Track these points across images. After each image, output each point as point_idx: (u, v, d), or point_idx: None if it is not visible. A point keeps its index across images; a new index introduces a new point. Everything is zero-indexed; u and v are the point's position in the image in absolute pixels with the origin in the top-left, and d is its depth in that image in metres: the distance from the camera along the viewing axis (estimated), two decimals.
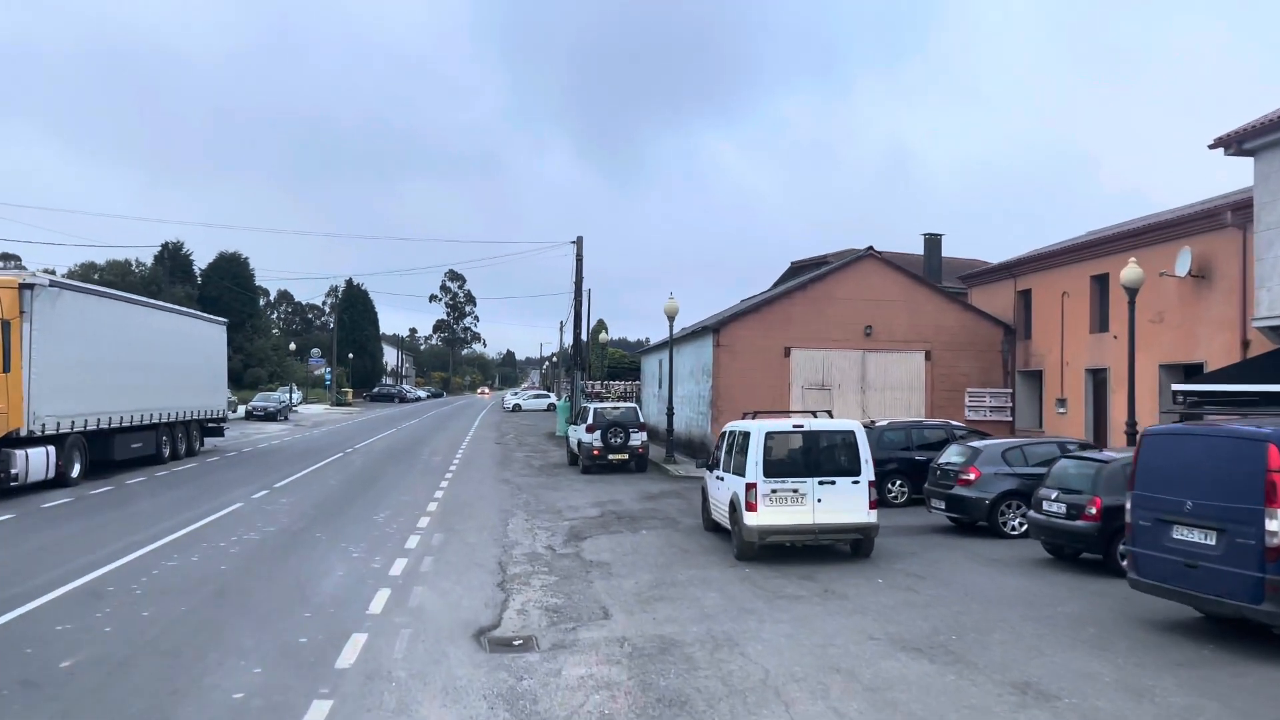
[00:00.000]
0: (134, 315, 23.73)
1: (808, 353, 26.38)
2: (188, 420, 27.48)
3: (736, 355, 26.03)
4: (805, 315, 26.40)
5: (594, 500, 19.77)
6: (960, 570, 12.58)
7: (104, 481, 21.15)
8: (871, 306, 26.49)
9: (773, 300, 26.52)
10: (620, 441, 24.79)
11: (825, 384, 26.42)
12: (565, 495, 20.64)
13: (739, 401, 25.74)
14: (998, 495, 14.86)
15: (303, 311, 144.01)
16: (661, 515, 17.68)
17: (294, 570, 12.06)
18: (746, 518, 12.79)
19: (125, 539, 13.90)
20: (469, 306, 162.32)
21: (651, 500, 19.83)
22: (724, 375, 25.92)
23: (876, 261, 26.78)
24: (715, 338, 26.02)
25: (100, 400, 21.61)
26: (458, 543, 14.45)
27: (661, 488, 22.08)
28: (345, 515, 16.80)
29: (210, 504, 17.70)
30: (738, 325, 26.22)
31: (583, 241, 41.32)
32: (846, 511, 12.83)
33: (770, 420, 13.74)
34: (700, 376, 27.79)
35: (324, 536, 14.59)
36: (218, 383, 30.48)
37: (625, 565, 12.89)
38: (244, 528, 15.16)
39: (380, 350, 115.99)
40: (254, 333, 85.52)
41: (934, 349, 26.87)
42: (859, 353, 26.61)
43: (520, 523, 16.65)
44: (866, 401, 26.42)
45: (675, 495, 20.67)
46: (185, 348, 27.33)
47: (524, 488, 21.96)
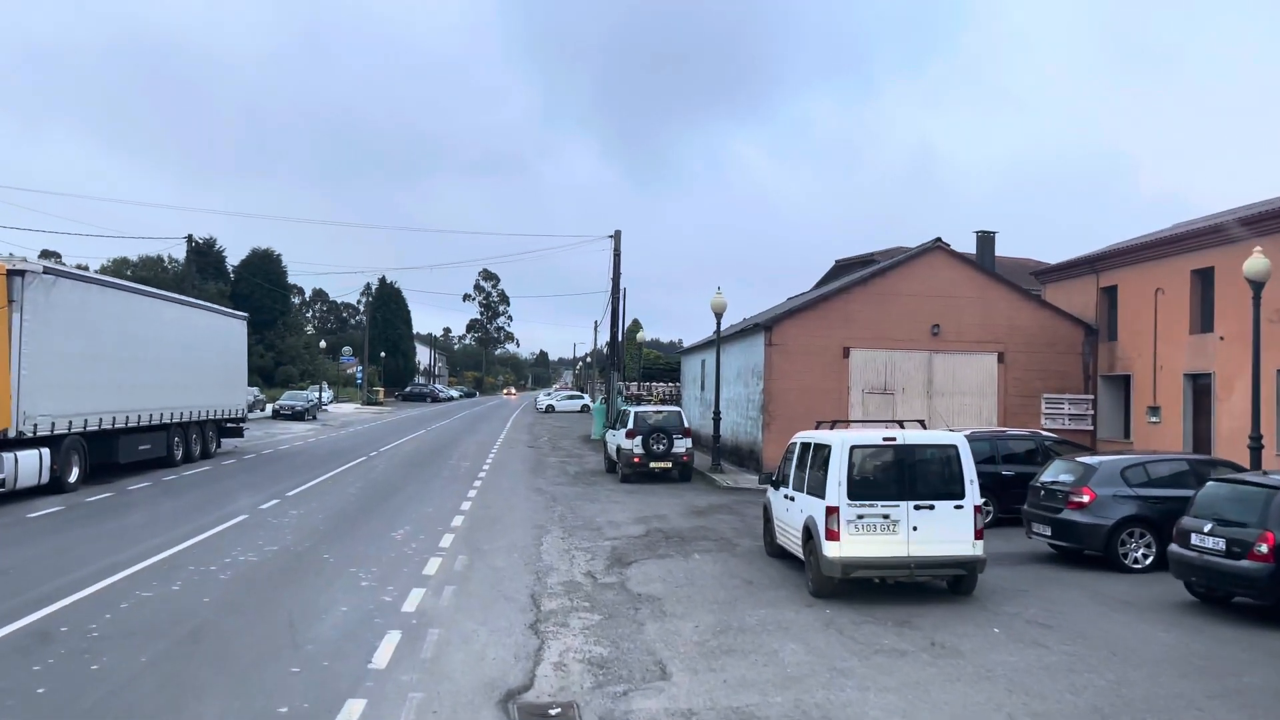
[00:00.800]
0: (142, 307, 22.11)
1: (869, 353, 24.17)
2: (203, 420, 25.87)
3: (790, 356, 23.89)
4: (866, 312, 24.21)
5: (636, 515, 17.77)
6: (1090, 616, 10.39)
7: (104, 487, 19.50)
8: (939, 303, 24.23)
9: (830, 296, 24.37)
10: (663, 449, 22.77)
11: (888, 388, 24.20)
12: (604, 508, 18.66)
13: (793, 406, 23.63)
14: (1118, 521, 12.61)
15: (337, 310, 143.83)
16: (714, 535, 15.63)
17: (289, 604, 10.16)
18: (826, 548, 10.69)
19: (105, 559, 12.11)
20: (502, 306, 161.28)
21: (700, 516, 17.78)
22: (776, 378, 23.80)
23: (945, 254, 24.51)
24: (767, 336, 23.90)
25: (102, 399, 19.98)
26: (484, 568, 12.51)
27: (710, 501, 20.02)
28: (359, 531, 14.93)
29: (212, 515, 15.91)
30: (792, 323, 24.09)
31: (621, 236, 39.43)
32: (947, 542, 10.70)
33: (855, 431, 11.64)
34: (749, 379, 25.69)
35: (332, 559, 12.70)
36: (236, 380, 28.89)
37: (680, 600, 10.87)
38: (242, 546, 13.32)
39: (413, 349, 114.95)
40: (286, 330, 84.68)
41: (1008, 350, 24.54)
42: (925, 354, 24.36)
43: (555, 542, 14.68)
44: (933, 408, 24.13)
45: (726, 511, 18.61)
46: (200, 343, 25.72)
47: (559, 499, 20.02)
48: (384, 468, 25.06)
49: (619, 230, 39.31)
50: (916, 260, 24.54)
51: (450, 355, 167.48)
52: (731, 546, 14.59)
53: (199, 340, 25.66)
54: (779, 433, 23.61)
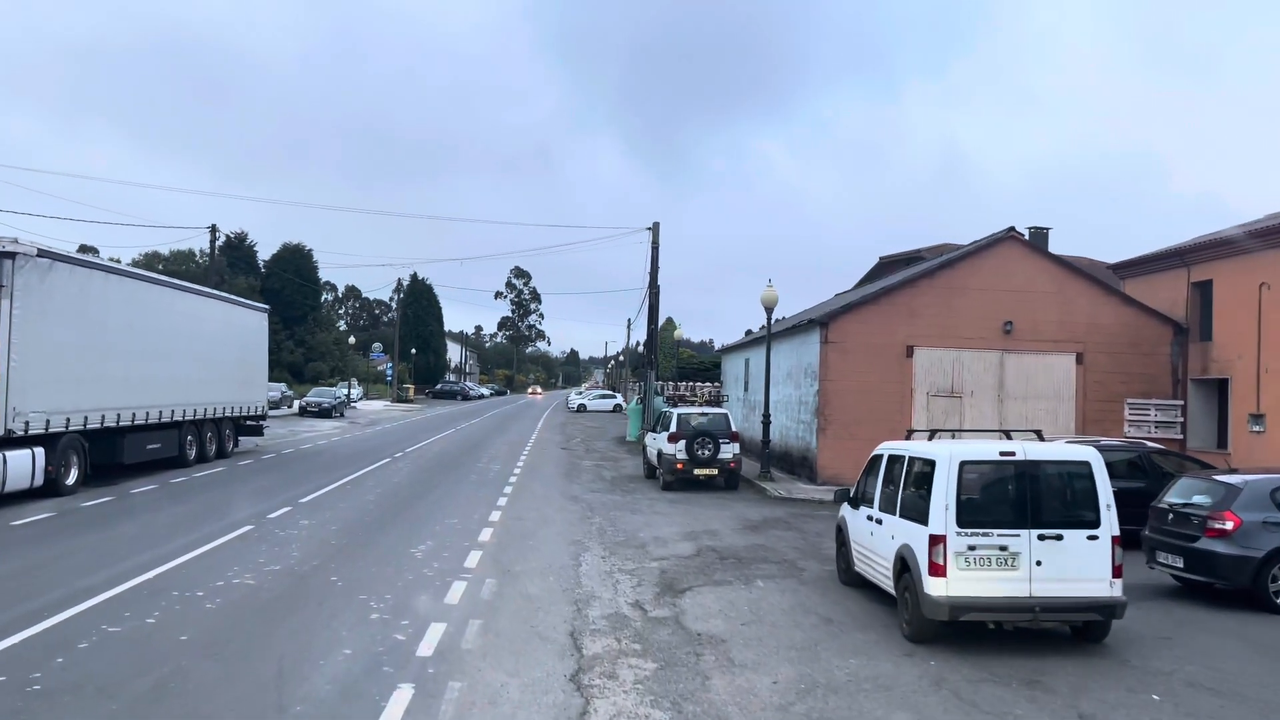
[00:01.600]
0: (151, 296, 20.62)
1: (934, 353, 22.15)
2: (218, 418, 24.41)
3: (848, 354, 21.92)
4: (931, 308, 22.18)
5: (684, 529, 15.94)
6: (1264, 674, 8.41)
7: (105, 490, 18.00)
8: (1012, 298, 22.15)
9: (893, 290, 22.37)
10: (708, 454, 20.92)
11: (955, 390, 22.15)
12: (647, 520, 16.86)
13: (850, 409, 21.68)
14: (1270, 553, 10.57)
15: (370, 307, 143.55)
16: (775, 556, 13.77)
17: (283, 645, 8.45)
18: (929, 585, 8.80)
19: (79, 580, 10.49)
20: (534, 304, 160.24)
21: (755, 532, 15.91)
22: (833, 378, 21.84)
23: (1019, 245, 22.41)
24: (823, 333, 21.96)
25: (105, 394, 18.49)
26: (515, 595, 10.76)
27: (763, 514, 18.13)
28: (375, 547, 13.23)
29: (213, 526, 14.30)
30: (850, 319, 22.12)
31: (659, 228, 37.60)
32: (1079, 580, 8.78)
33: (964, 442, 9.72)
34: (801, 379, 23.75)
35: (341, 582, 11.01)
36: (256, 376, 27.42)
37: (749, 643, 9.05)
38: (240, 565, 11.66)
39: (444, 346, 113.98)
40: (316, 326, 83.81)
41: (1087, 350, 22.39)
42: (996, 353, 22.28)
43: (596, 561, 12.90)
44: (1005, 413, 22.07)
45: (783, 526, 16.73)
46: (217, 336, 24.25)
47: (596, 508, 18.25)
48: (408, 471, 23.43)
49: (657, 222, 37.54)
50: (987, 252, 22.46)
51: (481, 353, 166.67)
52: (797, 571, 12.71)
53: (215, 333, 24.19)
54: (835, 438, 21.68)
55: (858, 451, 21.83)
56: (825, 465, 21.72)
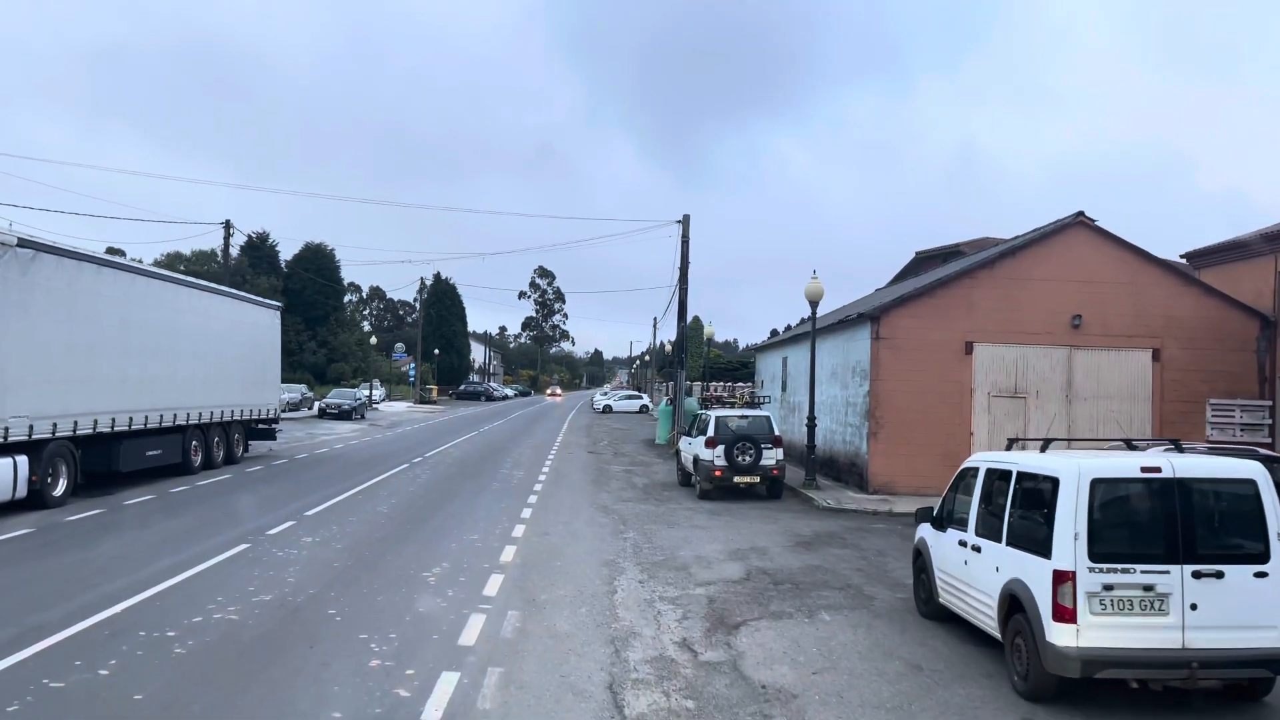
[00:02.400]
0: (150, 291, 19.23)
1: (995, 350, 20.32)
2: (227, 421, 23.03)
3: (900, 351, 20.15)
4: (992, 301, 20.36)
5: (728, 546, 14.29)
6: None
7: (96, 502, 16.60)
8: (1081, 290, 20.28)
9: (948, 282, 20.56)
10: (749, 460, 19.24)
11: (1019, 390, 20.31)
12: (686, 535, 15.22)
13: (904, 411, 19.92)
14: None
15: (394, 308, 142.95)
16: (836, 580, 12.08)
17: (255, 709, 6.88)
18: (1053, 632, 7.09)
19: (33, 615, 9.00)
20: (558, 303, 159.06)
21: (809, 550, 14.21)
22: (885, 378, 20.08)
23: (1089, 231, 20.52)
24: (874, 329, 20.19)
25: (98, 396, 17.11)
26: (542, 632, 9.16)
27: (814, 527, 16.42)
28: (383, 570, 11.68)
29: (205, 544, 12.82)
30: (904, 313, 20.34)
31: (689, 222, 35.93)
32: (1245, 628, 7.04)
33: (1094, 456, 7.98)
34: (848, 378, 22.00)
35: (338, 616, 9.45)
36: (268, 377, 26.05)
37: (826, 700, 7.42)
38: (226, 594, 10.13)
39: (467, 346, 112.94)
40: (338, 326, 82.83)
41: (1164, 346, 20.48)
42: (1064, 350, 20.42)
43: (633, 587, 11.28)
44: (1073, 415, 20.21)
45: (838, 542, 15.01)
46: (224, 334, 22.88)
47: (629, 520, 16.63)
48: (427, 479, 21.92)
49: (687, 215, 35.83)
50: (1052, 239, 20.60)
51: (506, 353, 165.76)
52: (865, 600, 11.02)
53: (222, 331, 22.82)
54: (887, 443, 19.93)
55: (912, 458, 20.13)
56: (877, 473, 19.97)
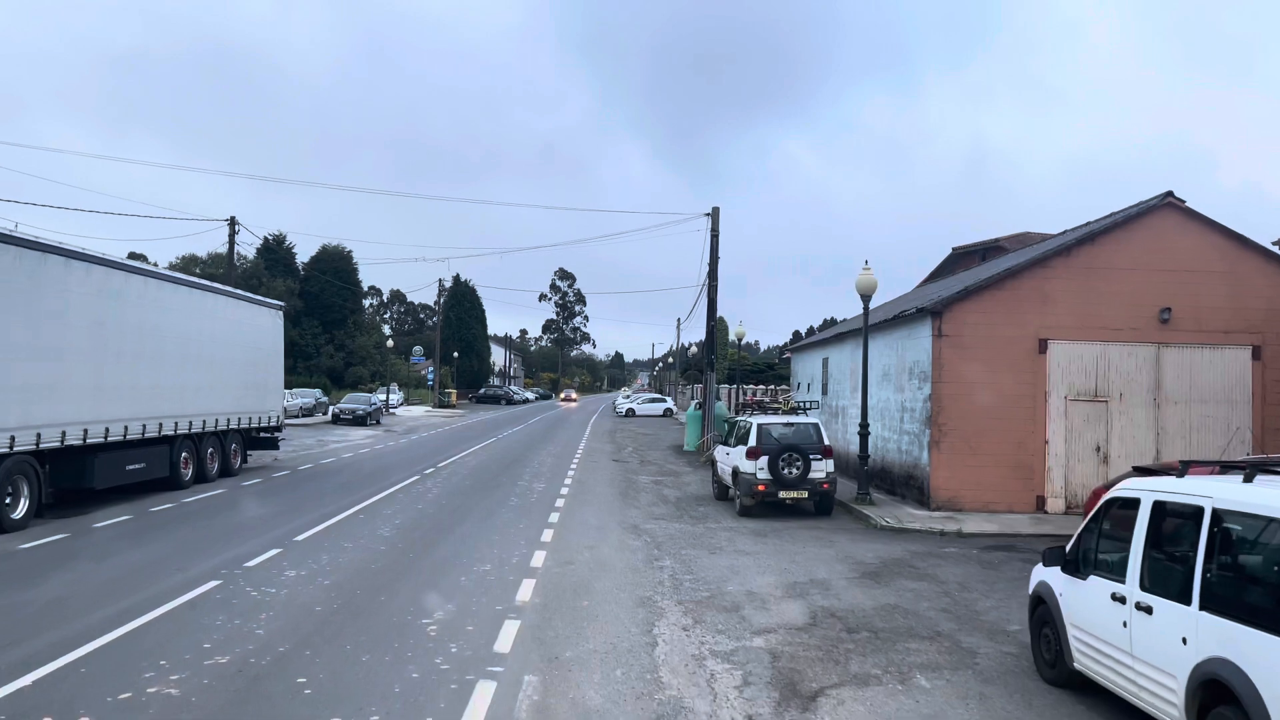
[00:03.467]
0: (131, 289, 17.36)
1: (1072, 347, 18.09)
2: (222, 430, 21.17)
3: (966, 350, 17.97)
4: (1068, 293, 18.14)
5: (783, 578, 12.20)
6: None
7: (64, 524, 14.73)
8: (1170, 280, 18.03)
9: (1018, 272, 18.33)
10: (797, 474, 17.14)
11: (1099, 393, 18.06)
12: (731, 563, 13.14)
13: (970, 417, 17.74)
14: None
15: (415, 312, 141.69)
16: (922, 625, 9.95)
17: None
18: None
19: None
20: (579, 305, 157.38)
21: (878, 583, 12.09)
22: (948, 379, 17.89)
23: (1178, 213, 18.24)
24: (935, 324, 18.02)
25: (68, 404, 15.25)
26: (567, 709, 7.13)
27: (876, 552, 14.28)
28: (374, 616, 9.67)
29: (169, 581, 10.87)
30: (969, 307, 18.15)
31: (719, 214, 33.85)
32: None
33: None
34: (904, 380, 19.82)
35: (309, 688, 7.44)
36: (269, 381, 24.19)
37: None
38: (173, 656, 8.15)
39: (487, 349, 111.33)
40: (356, 329, 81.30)
41: (1265, 342, 18.18)
42: (1150, 347, 18.15)
43: (676, 637, 9.22)
44: (1162, 420, 17.95)
45: (909, 571, 12.87)
46: (219, 336, 21.02)
47: (664, 544, 14.57)
48: (438, 493, 19.95)
49: (716, 207, 33.77)
50: (1138, 222, 18.32)
51: (526, 356, 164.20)
52: (966, 656, 8.89)
53: (217, 332, 20.97)
54: (952, 452, 17.74)
55: (980, 470, 17.93)
56: (940, 487, 17.79)
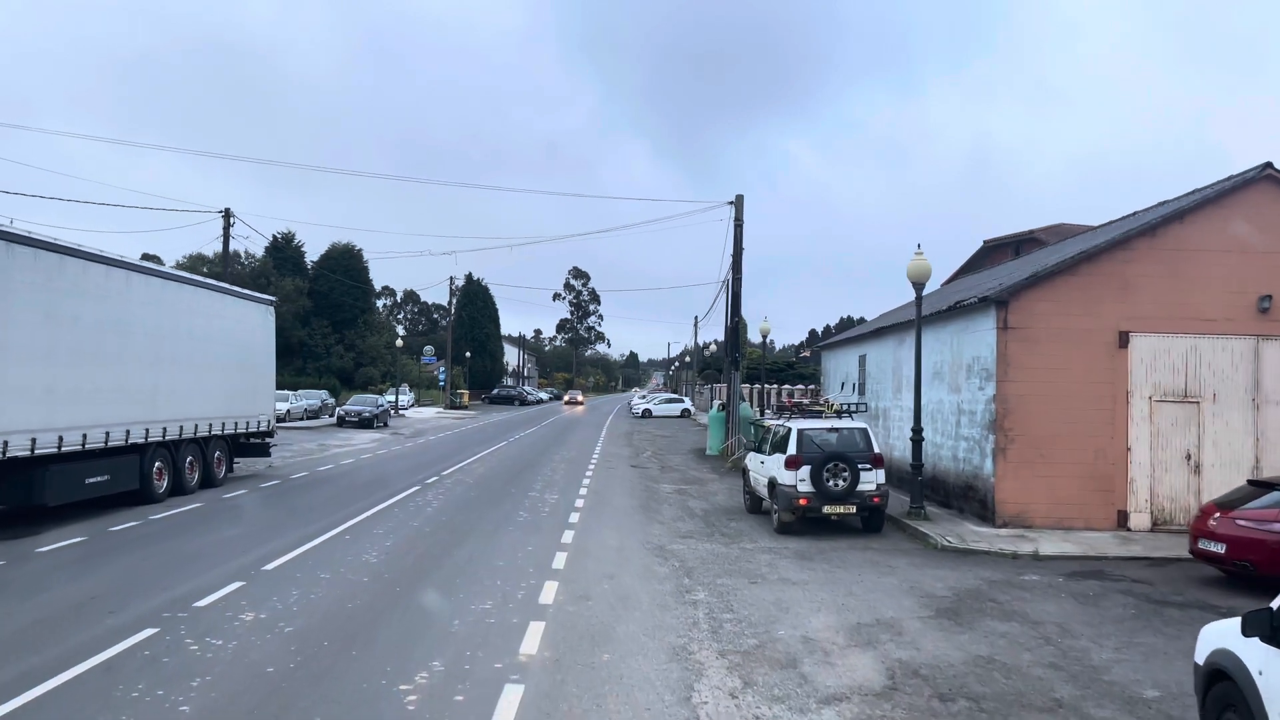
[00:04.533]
0: (89, 280, 15.41)
1: (1158, 341, 15.90)
2: (204, 437, 19.24)
3: (1035, 345, 15.81)
4: (1152, 279, 15.95)
5: (843, 617, 10.10)
6: None
7: (5, 547, 12.79)
8: (1271, 264, 15.82)
9: (1094, 255, 16.12)
10: (843, 486, 15.04)
11: (1189, 393, 15.86)
12: (778, 597, 11.04)
13: (1040, 420, 15.59)
14: None
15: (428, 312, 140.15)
16: (1031, 688, 7.84)
17: None
18: None
19: None
20: (593, 304, 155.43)
21: (958, 623, 9.97)
22: (1015, 378, 15.73)
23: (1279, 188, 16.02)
24: (1000, 315, 15.85)
25: (13, 410, 13.32)
26: None
27: (945, 580, 12.14)
28: (339, 684, 7.62)
29: (94, 629, 8.87)
30: (1038, 296, 15.97)
31: (743, 203, 31.75)
32: None
33: None
34: (962, 380, 17.66)
35: None
36: (259, 383, 22.26)
37: None
38: None
39: (500, 349, 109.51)
40: (367, 329, 79.53)
41: None
42: (1249, 340, 15.94)
43: (723, 709, 7.19)
44: (1263, 423, 15.73)
45: (992, 607, 10.74)
46: (199, 333, 19.09)
47: (695, 570, 12.49)
48: (439, 506, 17.94)
49: (740, 195, 31.66)
50: (1232, 198, 16.09)
51: (540, 356, 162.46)
52: None
53: (197, 329, 19.04)
54: (1019, 461, 15.59)
55: (1052, 480, 15.74)
56: (1006, 500, 15.63)
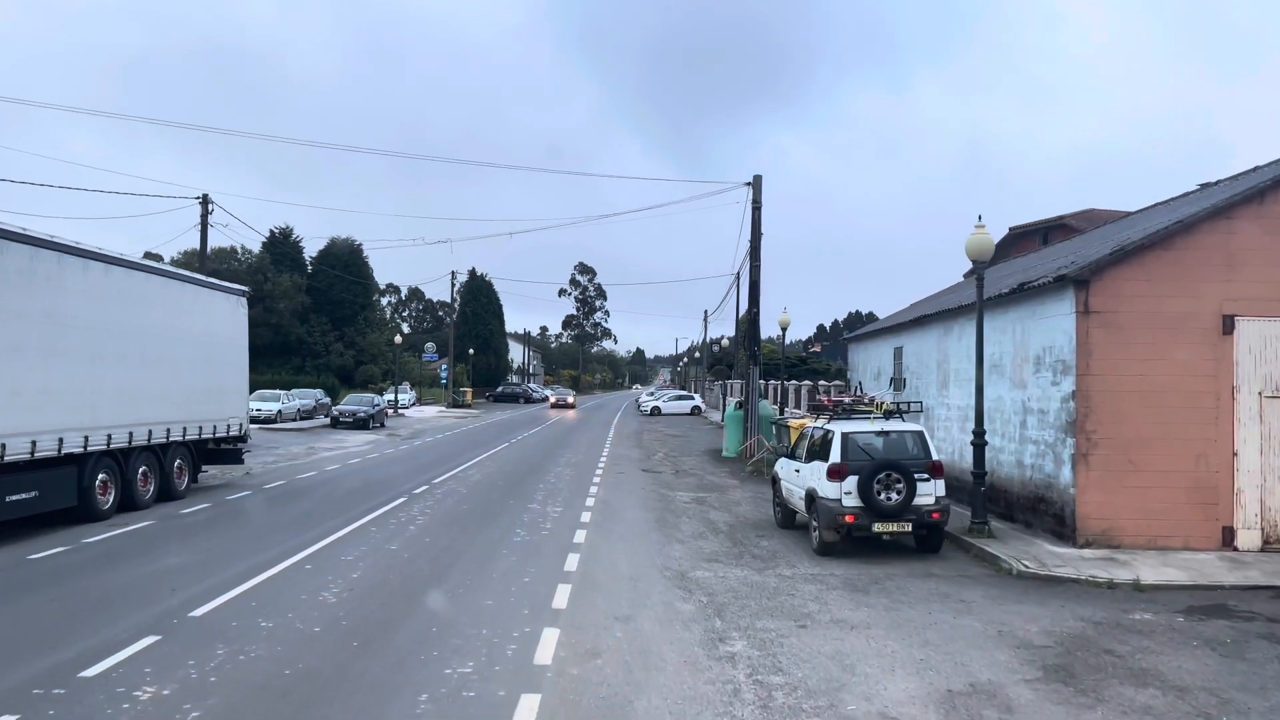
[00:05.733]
0: (9, 263, 13.10)
1: (1268, 326, 13.50)
2: (160, 444, 16.97)
3: (1123, 331, 13.42)
4: (1261, 253, 13.55)
5: (923, 680, 7.77)
6: None
7: None
8: None
9: (1192, 227, 13.69)
10: (898, 500, 12.70)
11: None
12: (836, 647, 8.70)
13: (1129, 420, 13.22)
14: None
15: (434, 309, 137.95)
16: None
17: None
18: None
19: None
20: (599, 300, 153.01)
21: (1078, 689, 7.63)
22: (1099, 370, 13.35)
23: None
24: (1080, 297, 13.46)
25: None
26: None
27: (1040, 620, 9.77)
28: None
29: None
30: (1126, 274, 13.57)
31: (761, 184, 29.38)
32: None
33: None
34: (1026, 373, 15.27)
35: None
36: (228, 382, 19.98)
37: None
38: None
39: (505, 346, 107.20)
40: (367, 326, 77.28)
41: None
42: None
43: None
44: None
45: (1112, 662, 8.39)
46: (154, 327, 16.84)
47: (726, 608, 10.17)
48: (424, 523, 15.64)
49: (758, 175, 29.31)
50: None
51: (546, 353, 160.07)
52: None
53: (152, 322, 16.77)
54: (1105, 469, 13.22)
55: (1145, 491, 13.22)
56: (1089, 514, 13.25)
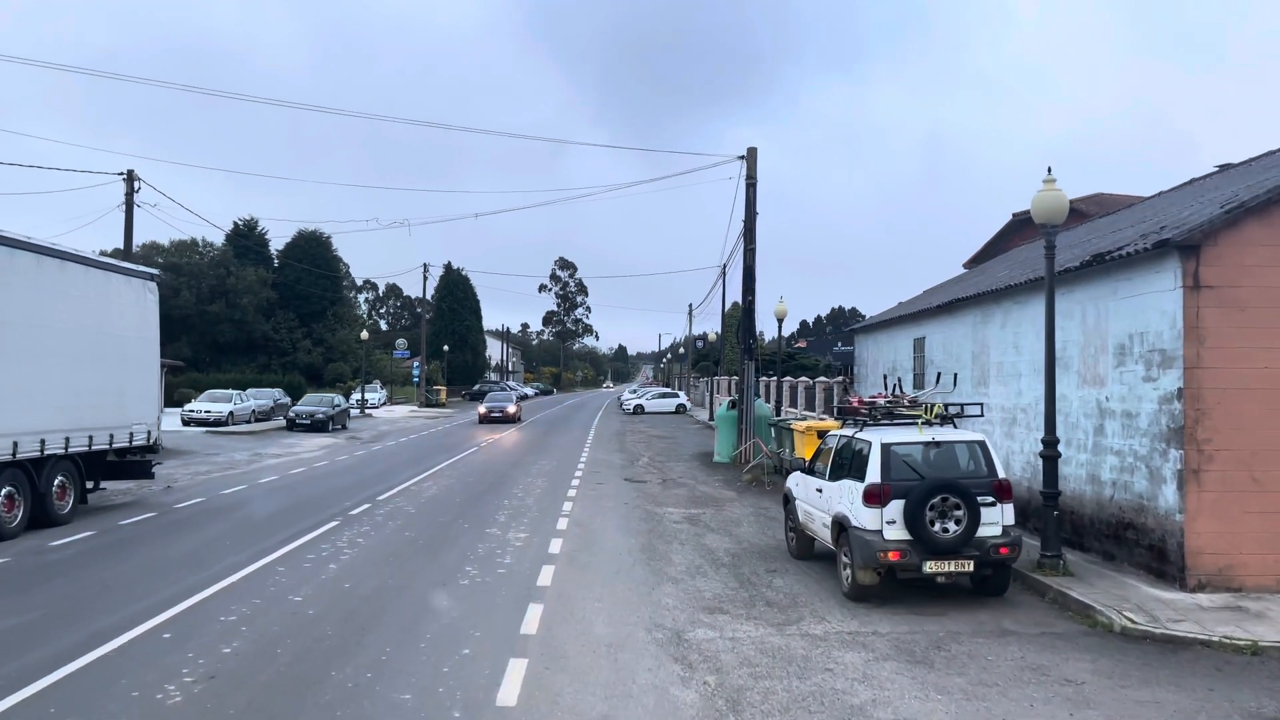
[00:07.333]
0: None
1: None
2: (31, 459, 13.75)
3: (1245, 311, 10.50)
4: None
5: None
6: None
7: None
8: None
9: None
10: (957, 530, 9.74)
11: None
12: None
13: (1253, 426, 10.28)
14: None
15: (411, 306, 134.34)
16: None
17: None
18: None
19: None
20: (580, 296, 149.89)
21: None
22: (1214, 361, 10.41)
23: None
24: (1188, 268, 10.51)
25: None
26: None
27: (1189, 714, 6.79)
28: None
29: None
30: (1249, 237, 10.62)
31: (756, 157, 26.38)
32: None
33: None
34: (1107, 366, 12.29)
35: None
36: (130, 383, 16.74)
37: None
38: None
39: (483, 343, 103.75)
40: (336, 322, 73.71)
41: None
42: None
43: None
44: None
45: None
46: (21, 317, 13.60)
47: (742, 698, 7.14)
48: (351, 557, 12.49)
49: (753, 148, 26.29)
50: None
51: (527, 350, 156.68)
52: None
53: (19, 312, 13.54)
54: (1223, 488, 10.29)
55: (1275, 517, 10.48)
56: (1202, 547, 10.30)
